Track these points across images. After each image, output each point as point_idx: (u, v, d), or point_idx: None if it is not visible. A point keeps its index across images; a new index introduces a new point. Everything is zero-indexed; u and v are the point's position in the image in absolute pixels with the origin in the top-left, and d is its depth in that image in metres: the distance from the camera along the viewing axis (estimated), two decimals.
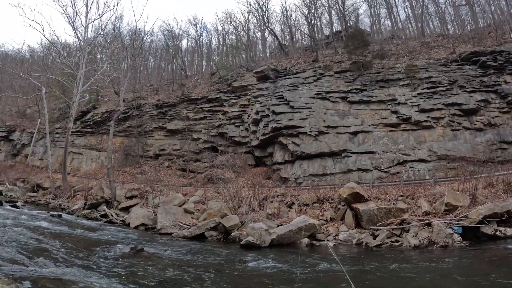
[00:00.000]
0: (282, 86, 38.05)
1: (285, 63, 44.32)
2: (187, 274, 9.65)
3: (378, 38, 52.44)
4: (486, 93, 32.40)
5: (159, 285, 8.32)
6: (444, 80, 33.60)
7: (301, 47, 56.65)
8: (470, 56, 35.17)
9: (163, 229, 19.81)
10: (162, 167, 43.17)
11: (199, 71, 64.59)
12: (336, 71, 37.82)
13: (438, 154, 30.01)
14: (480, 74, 33.69)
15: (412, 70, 35.25)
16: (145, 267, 10.15)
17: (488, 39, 40.63)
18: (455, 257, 12.13)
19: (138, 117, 47.56)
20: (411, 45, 44.33)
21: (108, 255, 11.46)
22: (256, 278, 9.60)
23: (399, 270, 10.69)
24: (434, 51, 40.43)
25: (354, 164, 31.14)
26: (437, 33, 52.80)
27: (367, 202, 18.68)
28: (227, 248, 15.13)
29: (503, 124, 31.07)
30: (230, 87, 43.82)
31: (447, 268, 10.65)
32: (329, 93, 35.56)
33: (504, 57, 33.73)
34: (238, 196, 21.74)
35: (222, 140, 41.76)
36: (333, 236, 17.52)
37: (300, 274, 10.24)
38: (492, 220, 14.63)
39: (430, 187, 21.55)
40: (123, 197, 28.24)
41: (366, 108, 33.88)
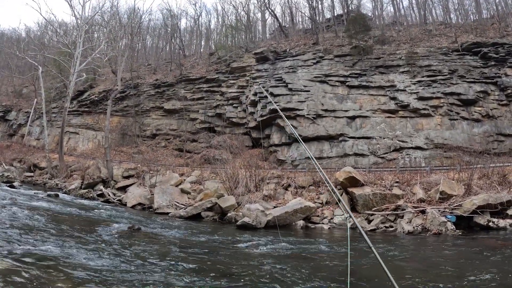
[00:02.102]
0: (281, 68, 37.85)
1: (284, 45, 44.06)
2: (184, 253, 9.73)
3: (379, 24, 52.02)
4: (485, 84, 32.36)
5: (156, 263, 8.41)
6: (444, 69, 33.52)
7: (302, 30, 56.18)
8: (472, 46, 35.02)
9: (159, 209, 19.94)
10: (159, 147, 43.09)
11: (197, 51, 64.09)
12: (336, 54, 37.61)
13: (435, 143, 30.09)
14: (480, 65, 33.59)
15: (412, 57, 35.11)
16: (143, 246, 10.26)
17: (490, 31, 40.43)
18: (447, 244, 12.29)
19: (136, 96, 47.20)
20: (413, 32, 44.07)
21: (106, 234, 11.55)
22: (251, 259, 9.66)
23: (392, 254, 10.85)
24: (436, 39, 40.23)
25: (351, 148, 31.21)
26: (440, 21, 52.43)
27: (363, 187, 18.79)
28: (223, 229, 15.27)
29: (501, 117, 31.15)
30: (229, 68, 43.53)
31: (438, 255, 10.80)
32: (328, 76, 35.40)
33: (506, 50, 33.59)
34: (235, 177, 21.78)
35: (220, 121, 41.67)
36: (328, 219, 17.69)
37: (296, 255, 10.36)
38: (485, 211, 14.83)
39: (426, 175, 21.67)
40: (120, 177, 28.22)
41: (365, 93, 33.80)
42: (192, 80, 45.41)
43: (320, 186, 21.62)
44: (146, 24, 68.68)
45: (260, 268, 8.55)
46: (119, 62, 38.22)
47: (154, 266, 8.17)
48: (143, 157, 35.33)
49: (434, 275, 8.32)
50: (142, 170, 28.57)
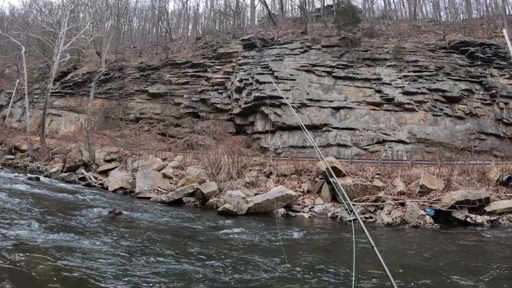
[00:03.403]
0: (268, 56, 37.62)
1: (272, 33, 43.73)
2: (164, 239, 9.75)
3: (369, 17, 52.02)
4: (471, 83, 32.62)
5: (137, 248, 8.38)
6: (431, 65, 33.66)
7: (291, 18, 55.81)
8: (460, 45, 35.16)
9: (141, 193, 19.77)
10: (142, 131, 42.68)
11: (184, 35, 63.25)
12: (324, 45, 37.43)
13: (417, 137, 30.37)
14: (467, 64, 33.82)
15: (400, 52, 35.19)
16: (123, 231, 10.24)
17: (479, 31, 40.72)
18: (425, 237, 12.54)
19: (120, 79, 46.40)
20: (402, 27, 44.12)
21: (86, 218, 11.48)
22: (230, 245, 9.70)
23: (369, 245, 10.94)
24: (424, 35, 40.34)
25: (334, 139, 31.33)
26: (429, 18, 52.62)
27: (345, 177, 18.95)
28: (204, 215, 15.28)
29: (484, 116, 31.48)
30: (215, 53, 43.07)
31: (416, 246, 11.03)
32: (315, 66, 35.30)
33: (493, 51, 33.84)
34: (217, 163, 21.73)
35: (204, 106, 41.35)
36: (309, 208, 17.82)
37: (276, 242, 10.42)
38: (464, 207, 15.03)
39: (407, 168, 21.96)
40: (102, 160, 27.92)
41: (350, 84, 33.81)
42: (178, 64, 44.93)
43: (302, 175, 21.72)
44: (133, 6, 68.22)
45: (239, 254, 8.60)
46: (104, 43, 37.71)
47: (134, 251, 8.15)
48: (126, 141, 35.05)
49: (409, 267, 8.44)
50: (125, 154, 28.33)
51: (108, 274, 6.31)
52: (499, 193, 16.94)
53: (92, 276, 6.08)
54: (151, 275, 6.54)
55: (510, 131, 30.67)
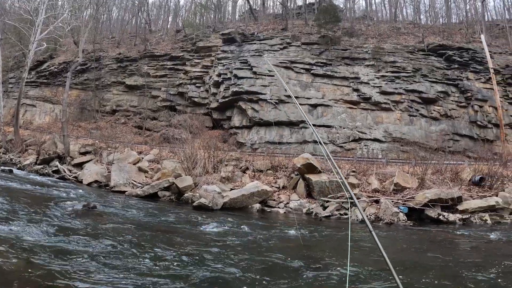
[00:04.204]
0: (247, 51, 37.54)
1: (253, 28, 43.65)
2: (138, 234, 9.60)
3: (350, 16, 52.48)
4: (447, 85, 33.20)
5: (110, 243, 8.25)
6: (409, 66, 34.11)
7: (272, 14, 55.88)
8: (438, 48, 35.76)
9: (116, 187, 19.42)
10: (118, 124, 42.05)
11: (164, 27, 62.57)
12: (303, 42, 37.51)
13: (393, 136, 30.79)
14: (444, 66, 34.41)
15: (379, 52, 35.55)
16: (97, 225, 10.07)
17: (457, 35, 41.54)
18: (398, 233, 12.68)
19: (97, 70, 45.55)
20: (382, 28, 44.62)
21: (60, 212, 11.27)
22: (205, 240, 9.67)
23: (344, 239, 11.12)
24: (403, 37, 40.87)
25: (311, 135, 31.39)
26: (409, 20, 53.59)
27: (320, 174, 19.04)
28: (180, 209, 15.19)
29: (459, 117, 32.07)
30: (195, 47, 42.72)
31: (389, 242, 11.17)
32: (294, 63, 35.34)
33: (470, 55, 34.54)
34: (193, 157, 21.55)
35: (181, 100, 41.04)
36: (284, 203, 17.86)
37: (252, 238, 10.45)
38: (436, 205, 15.36)
39: (382, 167, 22.20)
40: (76, 153, 27.31)
41: (328, 82, 33.96)
42: (157, 56, 44.40)
43: (278, 170, 21.75)
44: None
45: (214, 250, 8.58)
46: (81, 32, 36.95)
47: (108, 246, 7.98)
48: (101, 133, 34.50)
49: (380, 262, 8.56)
50: (100, 147, 27.82)
51: (78, 270, 6.15)
52: (472, 193, 17.33)
53: (59, 272, 5.91)
54: (123, 271, 6.41)
55: (483, 133, 31.33)
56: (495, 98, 27.74)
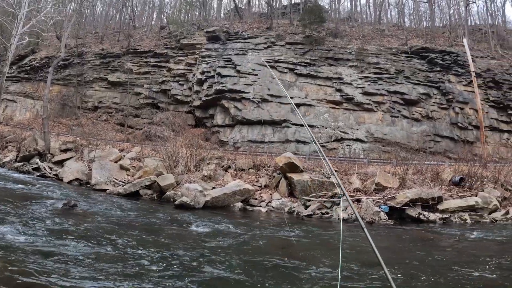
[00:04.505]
0: (232, 49, 37.40)
1: (238, 27, 43.51)
2: (119, 233, 9.49)
3: (335, 17, 52.48)
4: (429, 87, 33.56)
5: (91, 242, 8.16)
6: (392, 68, 34.43)
7: (257, 13, 55.69)
8: (421, 50, 36.18)
9: (97, 185, 19.15)
10: (100, 121, 41.46)
11: (148, 23, 61.82)
12: (288, 42, 37.52)
13: (374, 137, 31.01)
14: (426, 69, 34.83)
15: (362, 53, 35.77)
16: (77, 224, 9.92)
17: (440, 39, 42.12)
18: (380, 232, 12.81)
19: (79, 65, 44.64)
20: (366, 29, 44.82)
21: (39, 211, 11.12)
22: (187, 239, 9.64)
23: (324, 238, 11.21)
24: (387, 39, 41.21)
25: (293, 135, 31.51)
26: (393, 23, 54.00)
27: (302, 173, 19.09)
28: (161, 208, 15.11)
29: (440, 119, 32.47)
30: (179, 44, 42.38)
31: (365, 241, 11.24)
32: (278, 62, 35.31)
33: (452, 58, 35.07)
34: (175, 155, 21.40)
35: (164, 97, 40.63)
36: (266, 202, 17.86)
37: (237, 238, 10.45)
38: (417, 204, 15.59)
39: (364, 166, 22.39)
40: (57, 150, 26.83)
41: (312, 82, 34.05)
42: (140, 53, 43.93)
43: (260, 169, 21.74)
44: None
45: (195, 248, 8.56)
46: (64, 27, 36.43)
47: (88, 245, 7.84)
48: (82, 130, 34.00)
49: (364, 260, 8.64)
50: (81, 144, 27.43)
51: (56, 271, 6.02)
52: (452, 193, 17.63)
53: (37, 272, 5.78)
54: (103, 272, 6.31)
55: (464, 134, 31.81)
56: (476, 101, 28.14)
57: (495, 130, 32.37)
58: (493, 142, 31.85)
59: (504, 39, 45.22)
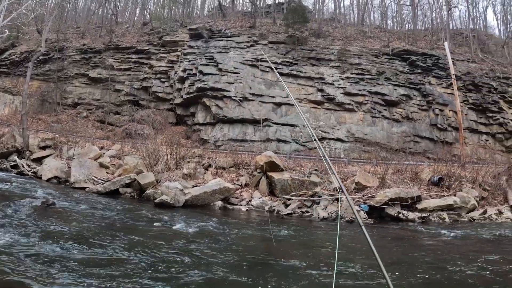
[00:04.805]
0: (214, 48, 37.22)
1: (221, 25, 43.34)
2: (97, 230, 9.33)
3: (318, 17, 52.90)
4: (409, 89, 34.00)
5: (69, 241, 8.03)
6: (373, 69, 34.75)
7: (241, 12, 55.56)
8: (402, 53, 36.65)
9: (76, 183, 18.74)
10: (80, 117, 40.83)
11: (131, 19, 61.32)
12: (270, 41, 37.61)
13: (355, 136, 31.26)
14: (407, 71, 35.26)
15: (344, 54, 35.95)
16: (55, 223, 9.68)
17: (422, 41, 42.74)
18: (358, 231, 12.91)
19: (60, 60, 43.91)
20: (349, 31, 45.23)
21: (17, 209, 10.88)
22: (166, 237, 9.54)
23: (303, 237, 11.27)
24: (369, 41, 41.60)
25: (274, 134, 31.54)
26: (376, 25, 54.79)
27: (282, 172, 19.12)
28: (141, 206, 14.93)
29: (420, 120, 32.94)
30: (161, 41, 42.00)
31: (349, 239, 11.38)
32: (260, 61, 35.29)
33: (433, 61, 35.69)
34: (156, 153, 21.16)
35: (145, 95, 40.27)
36: (246, 201, 17.83)
37: (219, 237, 10.44)
38: (396, 203, 15.79)
39: (344, 166, 22.59)
40: (36, 147, 26.26)
41: (294, 82, 34.07)
42: (122, 49, 43.43)
43: (241, 168, 21.70)
44: None
45: (174, 247, 8.51)
46: (45, 21, 35.87)
47: (66, 244, 7.64)
48: (62, 127, 33.52)
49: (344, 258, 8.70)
50: (60, 141, 26.96)
51: (31, 271, 5.85)
52: (430, 192, 17.90)
53: (12, 273, 5.62)
54: (82, 273, 6.16)
55: (443, 135, 32.30)
56: (455, 103, 28.48)
57: (473, 132, 32.98)
58: (472, 143, 32.41)
59: (485, 43, 46.29)
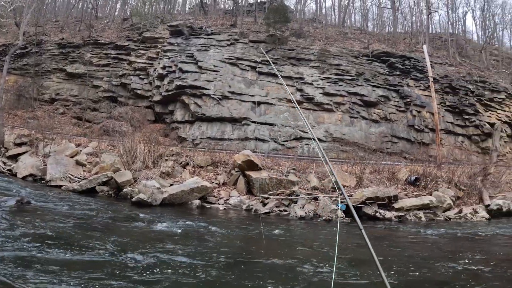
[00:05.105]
0: (194, 45, 36.99)
1: (202, 22, 43.07)
2: (74, 230, 9.19)
3: (299, 18, 52.96)
4: (388, 90, 34.44)
5: (44, 241, 7.93)
6: (353, 70, 35.02)
7: (222, 9, 55.36)
8: (382, 54, 37.08)
9: (52, 181, 18.38)
10: (57, 113, 39.97)
11: (111, 13, 60.30)
12: (251, 40, 37.54)
13: (333, 136, 31.48)
14: (386, 72, 35.70)
15: (324, 54, 36.13)
16: (31, 222, 9.50)
17: (401, 44, 43.42)
18: (335, 230, 13.07)
19: (38, 55, 42.90)
20: (329, 31, 45.56)
21: None
22: (145, 237, 9.50)
23: (280, 234, 11.36)
24: (350, 42, 41.96)
25: (253, 133, 31.53)
26: (357, 27, 55.37)
27: (260, 171, 19.13)
28: (118, 205, 14.82)
29: (397, 121, 33.43)
30: (141, 37, 41.48)
31: (325, 237, 11.53)
32: (240, 60, 35.26)
33: (411, 63, 36.23)
34: (133, 151, 20.86)
35: (124, 91, 39.69)
36: (224, 200, 17.82)
37: (189, 234, 10.44)
38: (374, 203, 16.00)
39: (321, 165, 22.62)
40: (11, 144, 25.58)
41: (273, 81, 34.11)
42: (101, 44, 42.71)
43: (219, 167, 21.65)
44: None
45: (151, 246, 8.47)
46: (24, 13, 35.25)
47: (41, 245, 7.50)
48: (38, 123, 32.93)
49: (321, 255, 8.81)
50: (37, 138, 26.43)
51: (6, 272, 5.73)
52: (407, 192, 18.22)
53: None
54: (57, 273, 6.15)
55: (420, 136, 32.85)
56: (432, 105, 28.96)
57: (450, 133, 33.65)
58: (448, 144, 33.06)
59: (463, 47, 47.28)
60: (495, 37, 58.47)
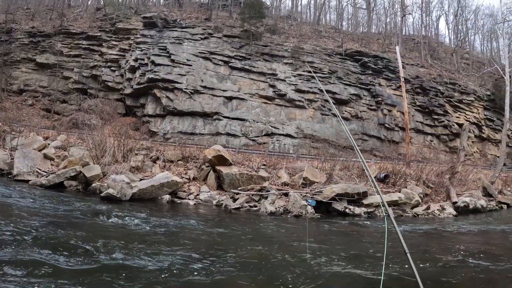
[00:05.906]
0: (168, 38, 36.64)
1: (176, 15, 42.69)
2: (40, 226, 8.97)
3: (275, 14, 53.32)
4: (360, 89, 35.08)
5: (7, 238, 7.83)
6: (326, 68, 35.44)
7: (197, 3, 54.89)
8: (355, 54, 37.72)
9: (19, 176, 17.76)
10: (25, 105, 38.98)
11: (84, 3, 58.69)
12: (225, 34, 37.45)
13: (304, 133, 31.78)
14: (359, 71, 36.33)
15: (298, 51, 36.36)
16: None
17: (375, 44, 44.44)
18: (304, 225, 13.19)
19: (7, 43, 41.40)
20: (304, 29, 45.96)
21: None
22: (110, 232, 9.35)
23: (253, 230, 11.42)
24: (323, 40, 42.47)
25: (224, 128, 31.52)
26: (331, 25, 56.21)
27: (231, 166, 19.04)
28: (86, 200, 14.46)
29: (368, 119, 34.12)
30: (114, 28, 40.89)
31: (295, 232, 11.60)
32: (213, 54, 35.12)
33: (384, 63, 37.13)
34: (103, 145, 20.41)
35: (94, 83, 39.04)
36: (194, 195, 17.59)
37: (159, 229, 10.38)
38: (343, 199, 16.16)
39: (292, 161, 22.81)
40: None
41: (246, 76, 34.22)
42: (72, 34, 41.75)
43: (189, 161, 21.40)
44: None
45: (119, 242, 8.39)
46: None
47: (7, 245, 7.39)
48: (6, 115, 32.16)
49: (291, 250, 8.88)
50: (4, 130, 25.79)
51: None
52: None
53: None
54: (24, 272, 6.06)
55: (390, 135, 33.56)
56: (403, 104, 29.42)
57: (419, 132, 34.46)
58: (417, 143, 33.84)
59: (435, 50, 48.51)
60: (466, 41, 60.36)
